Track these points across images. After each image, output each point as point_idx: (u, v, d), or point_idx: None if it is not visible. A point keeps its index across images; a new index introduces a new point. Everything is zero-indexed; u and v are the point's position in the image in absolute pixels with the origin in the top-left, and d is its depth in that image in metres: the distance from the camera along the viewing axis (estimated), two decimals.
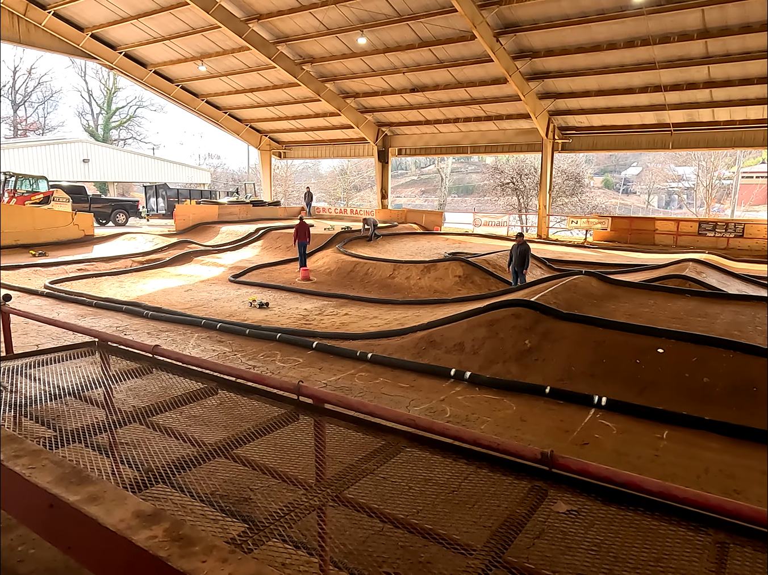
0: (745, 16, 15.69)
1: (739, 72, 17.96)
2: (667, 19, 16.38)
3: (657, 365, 6.69)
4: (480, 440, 2.52)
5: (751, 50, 16.91)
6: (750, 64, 17.38)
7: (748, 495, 4.44)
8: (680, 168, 52.22)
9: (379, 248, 19.55)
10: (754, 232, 20.81)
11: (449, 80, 22.50)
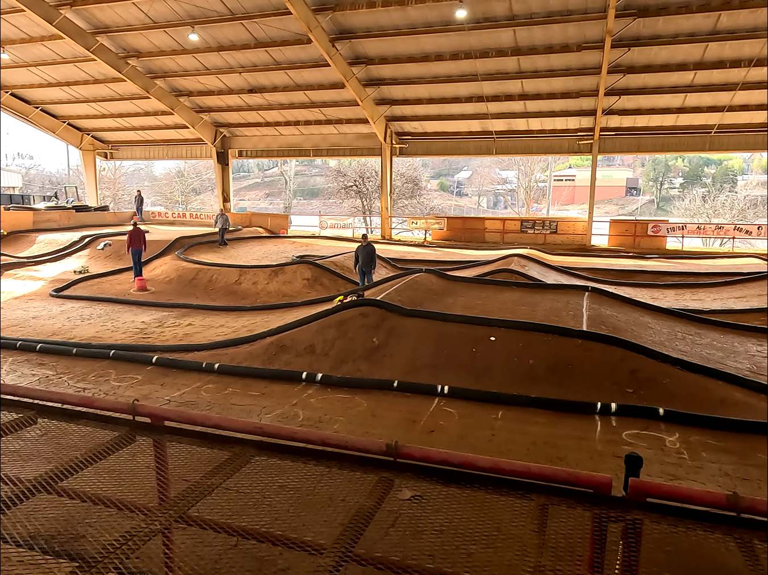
0: (548, 39, 17.79)
1: (546, 87, 20.30)
2: (485, 36, 17.97)
3: (490, 352, 7.31)
4: (328, 440, 2.55)
5: (554, 68, 19.21)
6: (554, 80, 19.74)
7: (568, 460, 5.04)
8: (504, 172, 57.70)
9: (224, 253, 18.83)
10: (566, 228, 23.69)
11: (288, 83, 22.40)
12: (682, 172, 61.12)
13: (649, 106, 20.52)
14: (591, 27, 16.95)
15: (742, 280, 14.39)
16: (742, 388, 6.71)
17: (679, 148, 22.49)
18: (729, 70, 17.93)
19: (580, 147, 22.54)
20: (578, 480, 2.20)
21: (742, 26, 16.26)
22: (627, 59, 18.11)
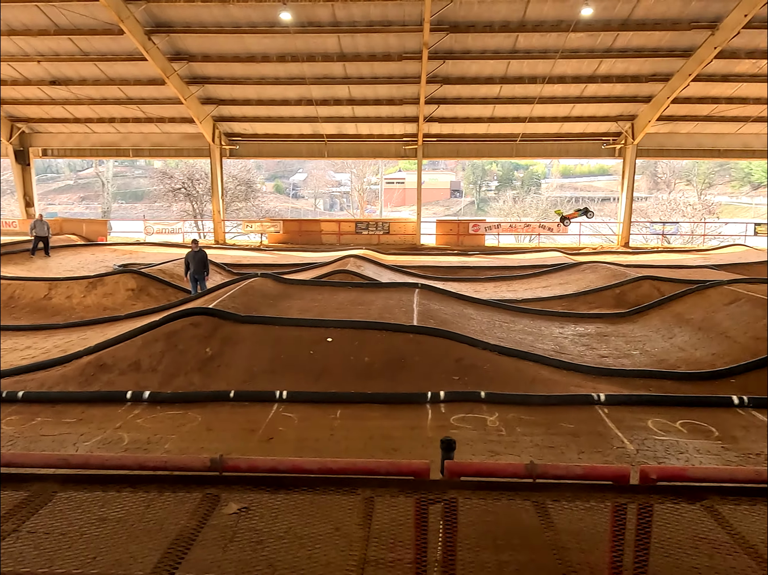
0: (371, 47, 18.52)
1: (372, 93, 21.11)
2: (311, 41, 18.14)
3: (328, 353, 7.40)
4: (146, 463, 2.37)
5: (378, 76, 20.05)
6: (379, 87, 20.61)
7: (402, 450, 5.28)
8: (338, 175, 58.80)
9: (29, 264, 16.61)
10: (397, 229, 24.86)
11: (99, 76, 20.44)
12: (496, 176, 67.65)
13: (464, 115, 22.38)
14: (410, 38, 18.00)
15: (546, 271, 16.34)
16: (548, 366, 7.62)
17: (492, 154, 24.86)
18: (527, 86, 20.25)
19: (406, 152, 23.82)
20: (399, 469, 2.31)
21: (535, 47, 18.46)
22: (443, 71, 19.55)
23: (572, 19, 16.72)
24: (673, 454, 5.17)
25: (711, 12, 16.65)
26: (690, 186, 53.62)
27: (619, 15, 16.92)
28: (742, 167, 55.91)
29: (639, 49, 18.52)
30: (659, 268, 15.78)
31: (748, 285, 10.85)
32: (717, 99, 21.02)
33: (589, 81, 20.10)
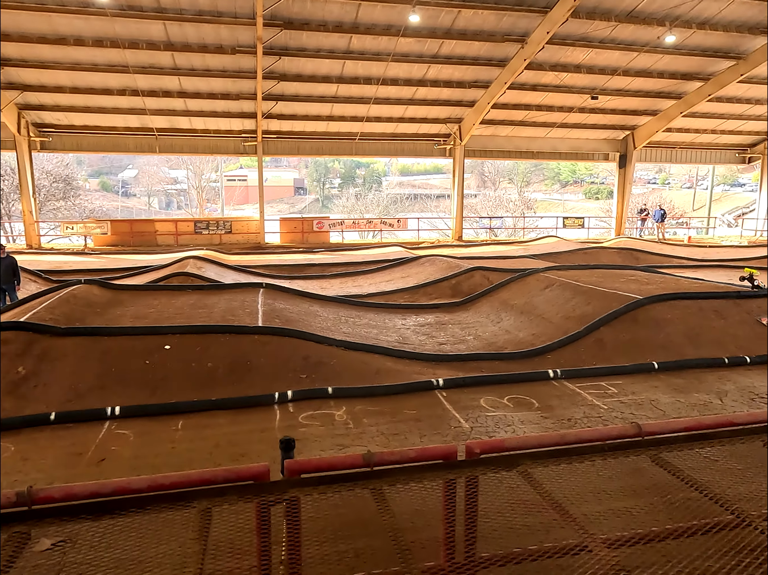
0: (201, 38, 17.65)
1: (205, 86, 20.15)
2: (132, 26, 16.77)
3: (166, 362, 6.94)
4: None
5: (211, 68, 19.20)
6: (213, 80, 19.74)
7: (251, 454, 5.15)
8: (174, 171, 55.31)
9: None
10: (240, 228, 24.11)
11: None
12: (339, 173, 68.74)
13: (304, 112, 22.35)
14: (243, 32, 17.47)
15: (389, 266, 17.00)
16: (392, 357, 7.94)
17: (332, 152, 25.15)
18: (363, 86, 20.81)
19: (246, 148, 23.16)
20: (238, 475, 2.25)
21: (368, 49, 19.03)
22: (280, 67, 19.31)
23: (401, 25, 17.50)
24: (502, 427, 5.70)
25: (520, 27, 18.52)
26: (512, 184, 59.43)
27: (443, 24, 18.08)
28: (553, 167, 63.32)
29: (462, 56, 19.98)
30: (488, 259, 17.24)
31: (559, 272, 12.33)
32: (529, 106, 23.49)
33: (420, 84, 21.24)
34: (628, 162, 26.99)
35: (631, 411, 6.15)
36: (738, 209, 46.66)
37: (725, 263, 17.57)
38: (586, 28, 18.53)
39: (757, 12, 18.40)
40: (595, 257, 18.94)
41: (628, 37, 19.43)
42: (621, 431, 2.59)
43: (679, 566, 1.92)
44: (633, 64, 20.90)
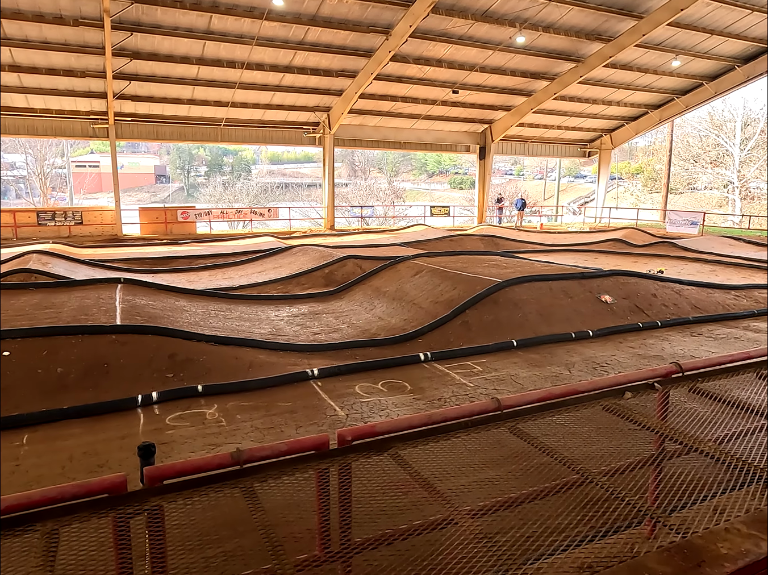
0: (36, 5, 15.76)
1: (43, 61, 18.06)
2: None
3: (6, 370, 6.17)
4: None
5: (50, 41, 17.24)
6: (53, 54, 17.76)
7: (111, 464, 4.76)
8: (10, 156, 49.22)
9: None
10: (93, 218, 22.09)
11: None
12: (205, 161, 65.51)
13: (162, 95, 20.93)
14: (87, 3, 15.87)
15: (261, 257, 16.58)
16: (266, 350, 7.76)
17: (195, 138, 23.87)
18: (227, 70, 19.95)
19: (96, 131, 21.20)
20: (89, 489, 2.05)
21: (231, 31, 18.25)
22: (132, 44, 17.87)
23: (264, 7, 16.99)
24: (377, 412, 5.83)
25: (384, 19, 18.84)
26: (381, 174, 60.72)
27: (307, 10, 17.84)
28: (420, 157, 65.68)
29: (328, 45, 19.90)
30: (360, 247, 17.47)
31: (427, 258, 12.84)
32: (395, 97, 24.06)
33: (286, 71, 20.83)
34: (488, 154, 28.75)
35: (494, 387, 6.59)
36: (581, 199, 51.85)
37: (572, 248, 19.46)
38: (446, 24, 19.32)
39: (592, 20, 20.40)
40: (461, 243, 20.02)
41: (484, 36, 20.59)
42: (482, 406, 2.75)
43: (534, 527, 2.08)
44: (489, 61, 22.22)
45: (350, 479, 2.41)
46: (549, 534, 2.15)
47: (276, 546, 1.87)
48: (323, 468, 2.34)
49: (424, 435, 2.51)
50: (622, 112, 29.02)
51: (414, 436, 2.52)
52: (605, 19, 20.37)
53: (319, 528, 2.44)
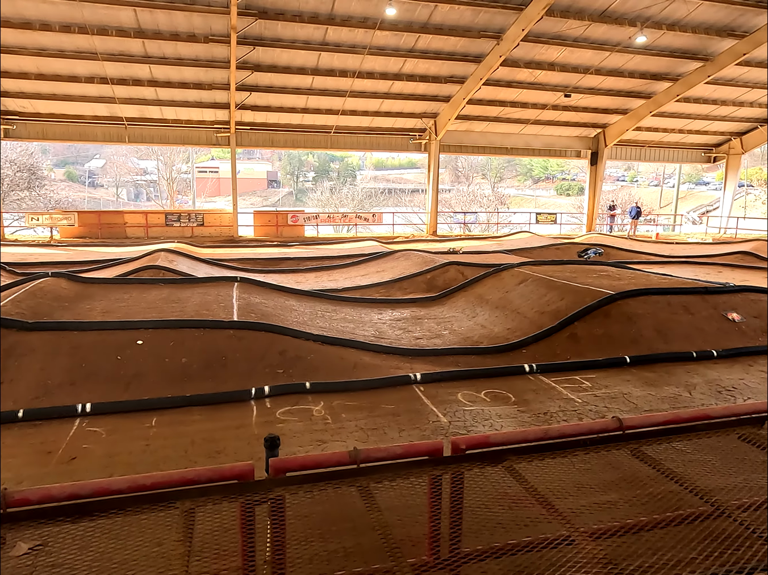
0: (173, 25, 17.26)
1: (177, 75, 19.73)
2: (101, 11, 16.30)
3: (138, 357, 6.80)
4: None
5: (183, 57, 18.79)
6: (185, 69, 19.34)
7: (227, 451, 5.08)
8: (143, 162, 54.15)
9: None
10: (213, 220, 23.75)
11: None
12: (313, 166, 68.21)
13: (278, 104, 22.09)
14: (216, 20, 17.15)
15: (364, 260, 16.97)
16: (369, 352, 7.93)
17: (307, 145, 24.92)
18: (339, 79, 20.66)
19: (219, 139, 22.79)
20: (221, 474, 2.20)
21: (344, 41, 18.89)
22: (254, 57, 19.03)
23: (378, 17, 17.41)
24: (480, 421, 5.75)
25: (496, 23, 18.61)
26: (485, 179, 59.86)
27: (419, 18, 18.05)
28: (525, 163, 64.04)
29: (438, 51, 19.99)
30: (462, 254, 17.34)
31: (533, 267, 12.48)
32: (503, 102, 23.66)
33: (396, 78, 21.19)
34: (599, 159, 27.44)
35: (605, 405, 6.26)
36: (702, 207, 47.96)
37: (692, 260, 18.04)
38: (560, 26, 18.72)
39: (724, 15, 18.85)
40: (568, 252, 19.24)
41: (601, 37, 19.70)
42: (602, 425, 2.63)
43: (663, 556, 1.95)
44: (605, 63, 21.22)
45: (462, 487, 2.40)
46: (676, 567, 2.01)
47: (393, 547, 1.91)
48: (437, 475, 2.35)
49: (539, 449, 2.44)
50: (755, 113, 26.52)
51: (529, 450, 2.46)
52: (740, 13, 18.73)
53: (429, 534, 2.45)
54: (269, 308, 9.48)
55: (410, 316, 10.67)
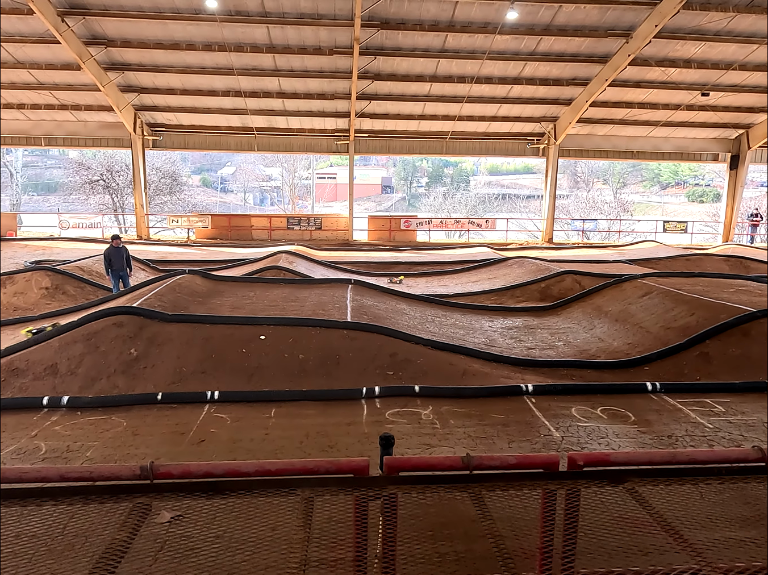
0: (301, 39, 18.26)
1: (302, 87, 20.83)
2: (238, 30, 17.65)
3: (261, 351, 7.26)
4: (68, 474, 2.24)
5: (309, 69, 19.82)
6: (310, 80, 20.37)
7: (339, 446, 5.28)
8: (268, 169, 57.65)
9: None
10: (330, 224, 24.74)
11: (5, 58, 18.91)
12: (426, 172, 68.61)
13: (396, 111, 22.54)
14: (341, 33, 17.89)
15: (476, 266, 16.79)
16: (479, 359, 7.84)
17: (422, 151, 25.18)
18: (457, 85, 20.65)
19: (338, 147, 23.71)
20: (339, 467, 2.31)
21: (463, 47, 18.86)
22: (374, 66, 19.59)
23: (498, 22, 17.19)
24: (595, 439, 5.47)
25: (625, 21, 17.62)
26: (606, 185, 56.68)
27: (542, 20, 17.57)
28: (653, 167, 59.73)
29: (560, 53, 19.32)
30: (580, 263, 16.59)
31: (659, 279, 11.63)
32: (630, 104, 22.30)
33: (515, 82, 20.77)
34: (741, 163, 24.96)
35: (741, 433, 5.69)
36: None
37: None
38: (699, 20, 17.31)
39: None
40: (699, 264, 17.68)
41: (748, 28, 17.94)
42: (741, 454, 2.40)
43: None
44: (751, 57, 19.28)
45: (578, 504, 2.31)
46: None
47: (506, 557, 1.89)
48: (552, 489, 2.29)
49: (666, 473, 2.29)
50: None
51: (654, 473, 2.31)
52: None
53: (540, 548, 2.38)
54: (381, 311, 9.70)
55: (522, 325, 10.40)
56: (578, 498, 2.30)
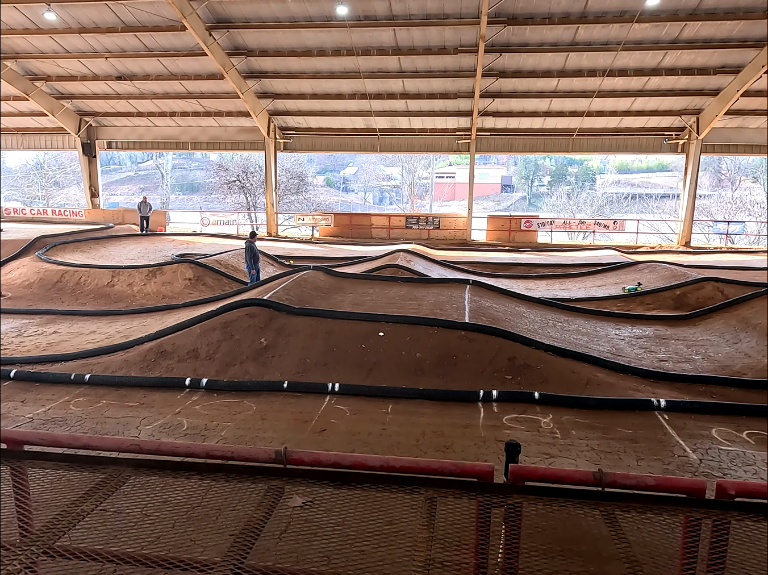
0: (426, 40, 18.37)
1: (426, 87, 20.95)
2: (366, 34, 18.15)
3: (379, 347, 7.43)
4: (213, 452, 2.44)
5: (433, 69, 19.89)
6: (433, 81, 20.43)
7: (454, 447, 5.25)
8: (388, 168, 58.80)
9: (93, 252, 17.39)
10: (448, 224, 24.67)
11: (161, 71, 21.10)
12: (549, 171, 66.03)
13: (520, 109, 21.92)
14: (466, 31, 17.75)
15: (601, 270, 15.87)
16: (604, 368, 7.40)
17: (546, 149, 24.25)
18: (586, 79, 19.63)
19: (459, 146, 23.56)
20: (463, 470, 2.29)
21: (596, 39, 17.87)
22: (499, 64, 19.20)
23: (636, 10, 16.07)
24: (740, 466, 4.94)
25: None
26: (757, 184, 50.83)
27: (687, 4, 16.14)
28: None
29: (708, 39, 17.63)
30: (723, 269, 15.06)
31: None
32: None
33: (653, 74, 19.31)
34: None
35: None
36: None
37: None
38: None
39: None
40: None
41: None
42: None
43: None
44: None
45: (727, 538, 2.09)
46: None
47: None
48: (696, 518, 2.09)
49: None
50: None
51: None
52: None
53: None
54: (499, 313, 9.50)
55: (653, 334, 9.65)
56: (727, 531, 2.09)
